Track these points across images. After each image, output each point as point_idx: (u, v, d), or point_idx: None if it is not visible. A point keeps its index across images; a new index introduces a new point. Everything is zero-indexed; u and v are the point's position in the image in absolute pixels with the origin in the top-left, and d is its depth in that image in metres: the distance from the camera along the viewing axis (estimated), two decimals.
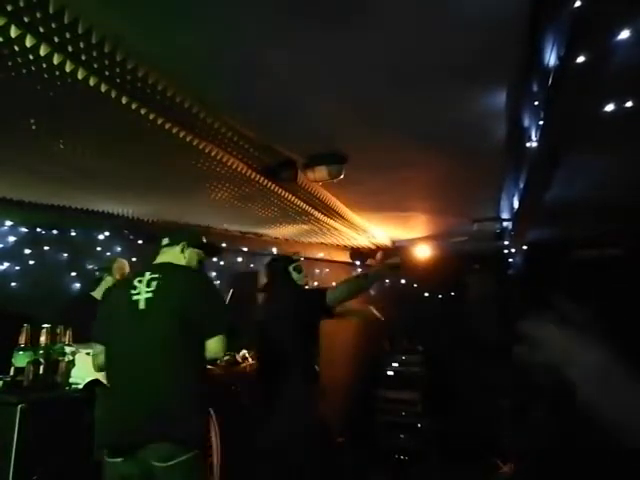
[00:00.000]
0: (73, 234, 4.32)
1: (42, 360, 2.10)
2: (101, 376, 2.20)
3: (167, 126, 2.49)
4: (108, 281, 3.34)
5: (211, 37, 1.97)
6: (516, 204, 3.99)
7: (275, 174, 3.35)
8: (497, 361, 4.41)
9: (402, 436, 5.58)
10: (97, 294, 3.30)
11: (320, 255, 6.12)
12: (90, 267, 4.21)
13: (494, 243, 5.59)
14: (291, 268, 3.00)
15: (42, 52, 1.82)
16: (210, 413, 2.30)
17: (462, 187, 4.00)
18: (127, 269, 3.51)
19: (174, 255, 2.26)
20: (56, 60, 1.88)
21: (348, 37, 1.96)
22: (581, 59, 1.66)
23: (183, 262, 2.27)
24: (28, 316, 2.42)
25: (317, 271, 6.17)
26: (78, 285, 4.26)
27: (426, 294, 6.80)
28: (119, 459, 1.83)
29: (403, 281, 6.74)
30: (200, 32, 1.95)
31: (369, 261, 5.79)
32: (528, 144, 2.57)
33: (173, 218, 4.63)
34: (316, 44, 2.02)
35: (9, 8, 1.63)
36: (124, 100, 2.22)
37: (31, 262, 4.04)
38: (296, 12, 1.81)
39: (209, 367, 3.13)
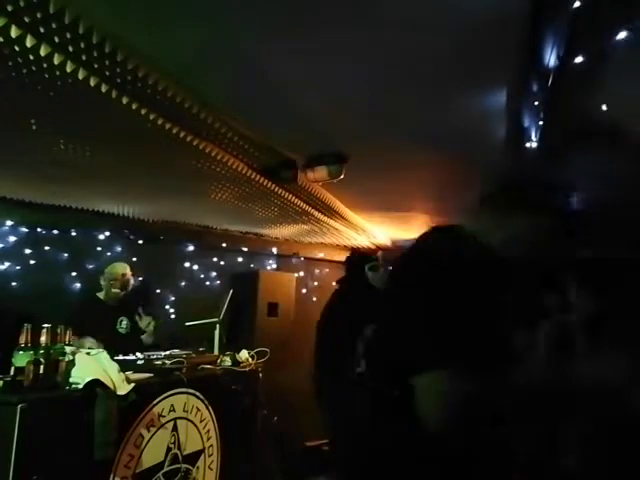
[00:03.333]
0: (73, 234, 4.32)
1: (42, 360, 2.10)
2: (101, 376, 2.20)
3: (167, 126, 2.50)
4: (102, 285, 3.34)
5: (211, 37, 1.97)
6: None
7: (275, 174, 3.36)
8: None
9: None
10: (101, 295, 3.32)
11: (320, 255, 6.12)
12: (91, 267, 4.20)
13: None
14: (367, 267, 2.93)
15: (42, 52, 1.82)
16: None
17: (462, 187, 3.99)
18: (122, 272, 3.45)
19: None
20: (56, 60, 1.88)
21: (348, 37, 1.96)
22: (580, 59, 1.66)
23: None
24: (28, 316, 2.42)
25: (317, 271, 6.18)
26: (78, 285, 4.26)
27: None
28: None
29: None
30: (200, 32, 1.95)
31: None
32: (528, 144, 2.57)
33: (173, 218, 4.63)
34: (316, 44, 2.02)
35: (9, 8, 1.63)
36: (124, 100, 2.22)
37: (31, 262, 4.04)
38: (296, 12, 1.81)
39: (209, 367, 3.13)
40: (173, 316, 4.86)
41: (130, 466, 2.31)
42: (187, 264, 5.09)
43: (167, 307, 4.90)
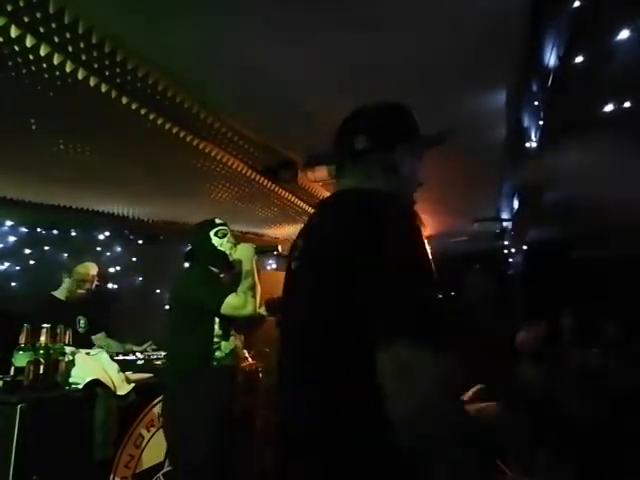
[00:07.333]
0: (73, 234, 4.32)
1: (42, 360, 2.10)
2: (101, 376, 2.20)
3: (167, 126, 2.50)
4: (66, 282, 3.23)
5: (211, 37, 1.98)
6: (516, 204, 4.00)
7: (275, 174, 3.36)
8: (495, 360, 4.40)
9: None
10: (59, 293, 3.22)
11: None
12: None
13: (494, 243, 5.59)
14: (212, 233, 2.51)
15: (42, 52, 1.82)
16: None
17: (462, 187, 4.00)
18: (93, 273, 3.31)
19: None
20: (56, 60, 1.88)
21: (348, 37, 1.96)
22: (580, 59, 1.66)
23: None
24: (28, 316, 2.42)
25: None
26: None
27: None
28: None
29: None
30: (200, 32, 1.95)
31: None
32: (528, 144, 2.57)
33: (173, 218, 4.63)
34: (316, 44, 2.02)
35: (9, 8, 1.63)
36: (124, 100, 2.22)
37: (31, 262, 4.04)
38: (296, 12, 1.81)
39: None
40: None
41: (130, 466, 2.31)
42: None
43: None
